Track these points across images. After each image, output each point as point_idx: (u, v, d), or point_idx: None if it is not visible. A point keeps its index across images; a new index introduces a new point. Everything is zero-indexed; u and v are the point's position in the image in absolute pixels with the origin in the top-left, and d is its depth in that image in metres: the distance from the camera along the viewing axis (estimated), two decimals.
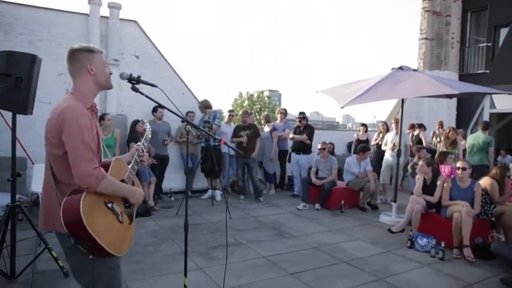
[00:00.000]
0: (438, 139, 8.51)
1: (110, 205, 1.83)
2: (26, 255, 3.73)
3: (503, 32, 11.91)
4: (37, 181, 5.48)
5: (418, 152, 7.18)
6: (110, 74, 2.04)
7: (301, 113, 7.99)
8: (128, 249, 1.96)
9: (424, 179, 5.27)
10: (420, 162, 5.40)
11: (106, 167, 1.88)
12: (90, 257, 1.76)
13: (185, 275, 2.76)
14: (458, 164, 4.93)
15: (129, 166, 2.09)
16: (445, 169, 5.28)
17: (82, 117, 1.81)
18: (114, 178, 1.87)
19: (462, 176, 4.84)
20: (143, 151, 2.22)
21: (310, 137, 7.72)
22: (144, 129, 2.48)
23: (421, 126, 8.76)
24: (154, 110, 6.87)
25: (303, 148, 7.68)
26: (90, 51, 1.96)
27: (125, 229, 1.95)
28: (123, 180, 1.97)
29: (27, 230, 3.89)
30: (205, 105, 7.39)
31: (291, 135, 7.87)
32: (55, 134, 1.79)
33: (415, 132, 8.74)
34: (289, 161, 8.23)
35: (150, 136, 2.41)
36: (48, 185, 1.88)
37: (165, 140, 6.95)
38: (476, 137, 7.43)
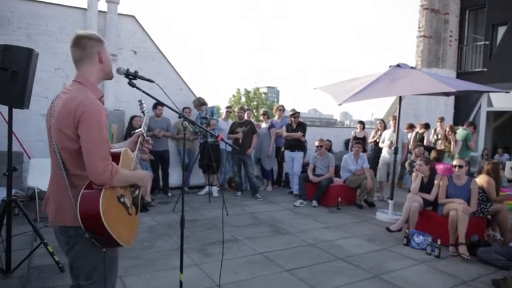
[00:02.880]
0: (436, 137, 8.52)
1: (122, 200, 1.86)
2: (21, 250, 3.72)
3: (501, 31, 11.92)
4: (33, 176, 5.46)
5: (414, 149, 7.19)
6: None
7: (293, 110, 7.91)
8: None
9: (422, 177, 5.28)
10: (418, 161, 5.39)
11: (115, 158, 1.87)
12: (103, 249, 1.80)
13: (181, 271, 2.76)
14: (455, 162, 4.94)
15: (134, 154, 2.08)
16: (439, 167, 5.30)
17: (101, 113, 1.78)
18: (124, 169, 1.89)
19: (459, 174, 4.86)
20: (144, 137, 2.18)
21: (303, 134, 7.63)
22: (143, 112, 2.31)
23: (427, 127, 8.63)
24: (154, 106, 6.81)
25: (297, 145, 7.56)
26: (100, 40, 1.95)
27: (133, 220, 1.99)
28: None
29: (23, 225, 3.88)
30: (201, 103, 7.36)
31: (284, 134, 7.66)
32: (70, 127, 1.75)
33: (420, 131, 8.66)
34: (282, 159, 8.17)
35: (148, 120, 2.32)
36: (57, 178, 1.84)
37: (158, 131, 6.71)
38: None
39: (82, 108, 1.73)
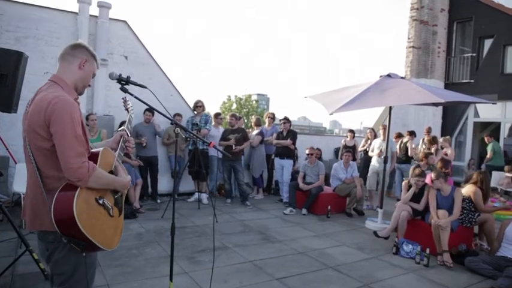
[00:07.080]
0: (424, 147, 8.60)
1: (101, 201, 1.79)
2: (5, 257, 3.64)
3: (488, 43, 12.20)
4: (19, 181, 5.35)
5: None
6: (89, 86, 2.03)
7: (285, 117, 7.91)
8: (117, 245, 1.94)
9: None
10: (410, 172, 5.43)
11: (94, 157, 1.83)
12: (84, 254, 1.75)
13: (171, 279, 2.72)
14: (432, 175, 4.97)
15: (115, 154, 2.04)
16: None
17: (73, 109, 1.75)
18: (103, 170, 1.83)
19: (439, 186, 4.88)
20: (128, 135, 2.17)
21: (294, 142, 7.63)
22: (127, 109, 2.32)
23: (412, 134, 8.62)
24: (144, 111, 6.79)
25: (287, 153, 7.55)
26: (93, 56, 1.98)
27: (116, 222, 1.92)
28: (111, 172, 1.93)
29: (8, 231, 3.80)
30: (203, 108, 7.34)
31: (275, 141, 7.67)
32: (42, 126, 1.72)
33: (405, 140, 8.70)
34: (273, 167, 8.14)
35: (133, 118, 2.33)
36: (33, 182, 1.80)
37: (144, 139, 6.68)
38: (497, 144, 9.94)
39: (53, 106, 1.70)
